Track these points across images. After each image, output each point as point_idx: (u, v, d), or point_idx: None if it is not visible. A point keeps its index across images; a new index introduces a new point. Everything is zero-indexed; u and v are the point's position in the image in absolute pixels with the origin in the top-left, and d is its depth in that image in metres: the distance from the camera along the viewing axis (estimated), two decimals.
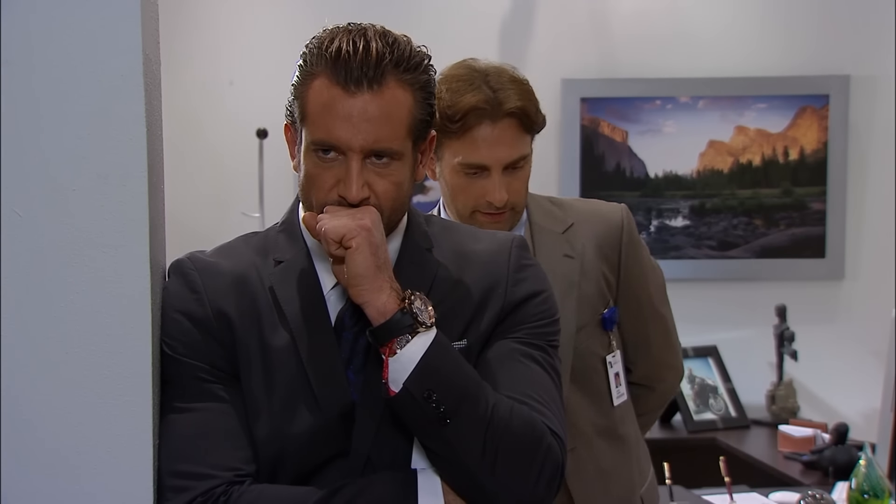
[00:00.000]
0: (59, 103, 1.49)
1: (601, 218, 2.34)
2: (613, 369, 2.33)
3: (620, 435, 2.36)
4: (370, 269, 1.51)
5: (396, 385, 1.50)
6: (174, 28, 4.03)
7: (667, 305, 2.49)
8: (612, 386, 2.33)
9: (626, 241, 2.32)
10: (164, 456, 1.57)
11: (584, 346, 2.26)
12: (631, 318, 2.38)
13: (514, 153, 2.18)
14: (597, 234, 2.31)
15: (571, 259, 2.27)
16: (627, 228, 2.33)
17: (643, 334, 2.42)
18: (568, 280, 2.25)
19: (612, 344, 2.33)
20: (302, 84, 1.58)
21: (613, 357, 2.33)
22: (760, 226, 4.52)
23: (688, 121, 4.49)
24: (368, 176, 1.56)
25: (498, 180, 2.18)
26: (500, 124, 2.16)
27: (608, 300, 2.31)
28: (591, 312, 2.28)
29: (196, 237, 2.37)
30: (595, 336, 2.29)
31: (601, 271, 2.29)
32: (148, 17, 1.56)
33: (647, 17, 4.49)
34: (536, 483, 1.53)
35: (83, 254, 1.50)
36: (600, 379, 2.31)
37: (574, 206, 2.39)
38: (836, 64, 4.46)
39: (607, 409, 2.32)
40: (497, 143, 2.17)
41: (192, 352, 1.61)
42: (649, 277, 2.41)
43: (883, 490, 2.46)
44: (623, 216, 2.35)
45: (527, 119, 2.19)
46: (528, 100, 2.20)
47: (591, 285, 2.28)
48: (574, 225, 2.31)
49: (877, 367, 3.27)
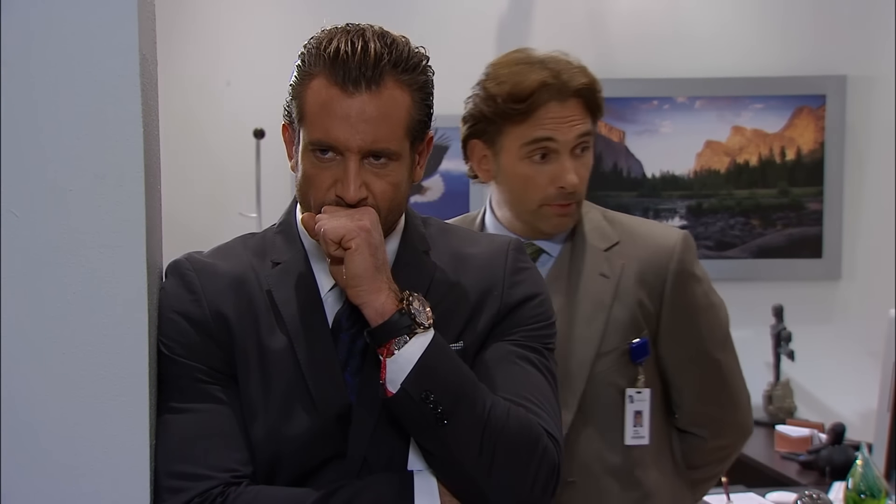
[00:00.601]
0: (55, 103, 1.49)
1: (651, 241, 2.17)
2: (635, 406, 2.12)
3: (637, 479, 2.14)
4: (369, 269, 1.51)
5: (394, 386, 1.50)
6: (171, 28, 4.02)
7: (727, 351, 2.24)
8: (629, 423, 2.12)
9: (674, 270, 2.13)
10: (161, 457, 1.57)
11: (601, 374, 2.09)
12: (675, 357, 2.17)
13: (583, 129, 2.10)
14: (640, 258, 2.14)
15: (606, 279, 2.12)
16: (679, 257, 2.14)
17: (687, 379, 2.19)
18: (597, 300, 2.11)
19: (640, 379, 2.12)
20: (300, 84, 1.58)
21: (639, 394, 2.12)
22: (757, 226, 4.53)
23: (685, 121, 4.49)
24: (366, 176, 1.56)
25: (569, 161, 2.08)
26: (568, 103, 2.09)
27: (642, 330, 2.12)
28: (618, 340, 2.10)
29: (193, 238, 2.36)
30: (618, 366, 2.11)
31: (638, 298, 2.12)
32: (145, 17, 1.56)
33: (644, 18, 4.49)
34: (533, 484, 1.53)
35: (80, 254, 1.50)
36: (615, 412, 2.12)
37: (627, 224, 2.22)
38: (833, 64, 4.47)
39: (619, 446, 2.13)
40: (565, 122, 2.08)
41: (190, 352, 1.61)
42: (702, 316, 2.19)
43: (879, 490, 2.45)
44: (678, 242, 2.16)
45: (592, 99, 2.11)
46: (592, 79, 2.12)
47: (625, 311, 2.11)
48: (619, 244, 2.16)
49: (874, 368, 3.27)
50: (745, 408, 2.28)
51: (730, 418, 2.25)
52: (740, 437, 2.29)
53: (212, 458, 1.56)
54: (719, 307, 2.24)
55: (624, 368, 2.11)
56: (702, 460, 2.26)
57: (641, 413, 2.13)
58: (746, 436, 2.30)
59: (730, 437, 2.27)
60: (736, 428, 2.27)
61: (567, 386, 2.03)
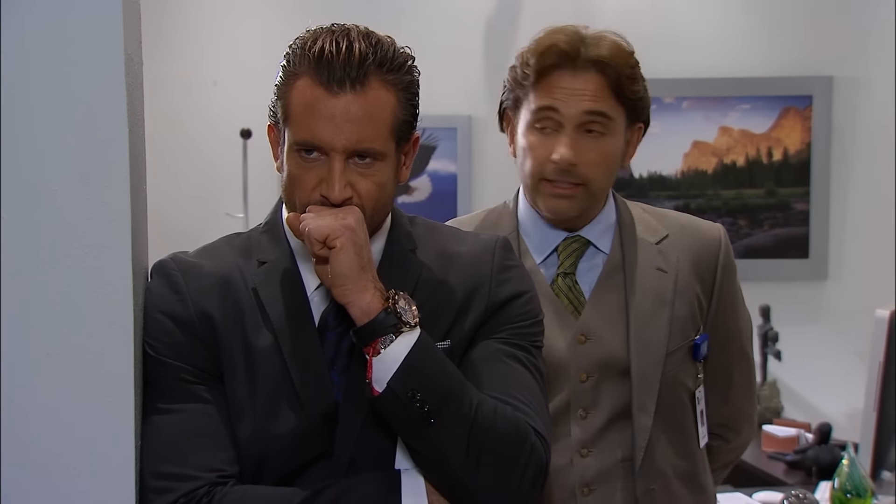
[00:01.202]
0: (40, 103, 1.49)
1: (699, 233, 2.08)
2: (700, 405, 2.06)
3: (701, 484, 2.08)
4: (354, 269, 1.51)
5: (380, 385, 1.50)
6: (157, 28, 4.02)
7: (752, 345, 2.21)
8: (699, 424, 2.06)
9: (723, 264, 2.07)
10: (147, 457, 1.57)
11: (672, 375, 1.99)
12: (717, 352, 2.09)
13: (594, 105, 1.94)
14: (693, 250, 2.05)
15: (665, 274, 2.01)
16: (726, 250, 2.08)
17: (726, 374, 2.13)
18: (660, 297, 2.00)
19: (700, 378, 2.06)
20: (285, 84, 1.58)
21: (700, 392, 2.06)
22: (744, 226, 4.54)
23: (672, 121, 4.50)
24: (351, 176, 1.56)
25: (569, 136, 1.94)
26: (581, 75, 1.94)
27: (699, 326, 2.04)
28: (682, 337, 2.00)
29: (179, 238, 2.36)
30: (684, 365, 2.02)
31: (695, 292, 2.03)
32: (130, 17, 1.56)
33: (631, 18, 4.49)
34: (520, 483, 1.53)
35: (65, 254, 1.50)
36: (686, 414, 2.04)
37: (669, 216, 2.13)
38: (820, 65, 4.48)
39: (692, 450, 2.05)
40: (574, 93, 1.94)
41: (175, 353, 1.60)
42: (741, 309, 2.14)
43: (865, 489, 2.46)
44: (722, 235, 2.10)
45: (615, 77, 1.95)
46: (620, 57, 1.97)
47: (685, 306, 2.01)
48: (669, 236, 2.06)
49: (860, 367, 3.28)
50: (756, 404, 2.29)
51: (751, 412, 2.23)
52: (752, 434, 2.28)
53: (198, 458, 1.56)
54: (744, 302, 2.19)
55: (688, 367, 2.03)
56: (718, 462, 2.21)
57: (703, 411, 2.08)
58: (755, 432, 2.30)
59: (746, 436, 2.25)
60: (753, 423, 2.26)
61: (643, 389, 1.96)
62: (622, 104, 1.99)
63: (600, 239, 2.05)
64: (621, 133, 2.00)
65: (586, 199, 1.99)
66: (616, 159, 2.01)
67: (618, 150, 2.01)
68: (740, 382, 2.16)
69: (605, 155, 1.97)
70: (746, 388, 2.19)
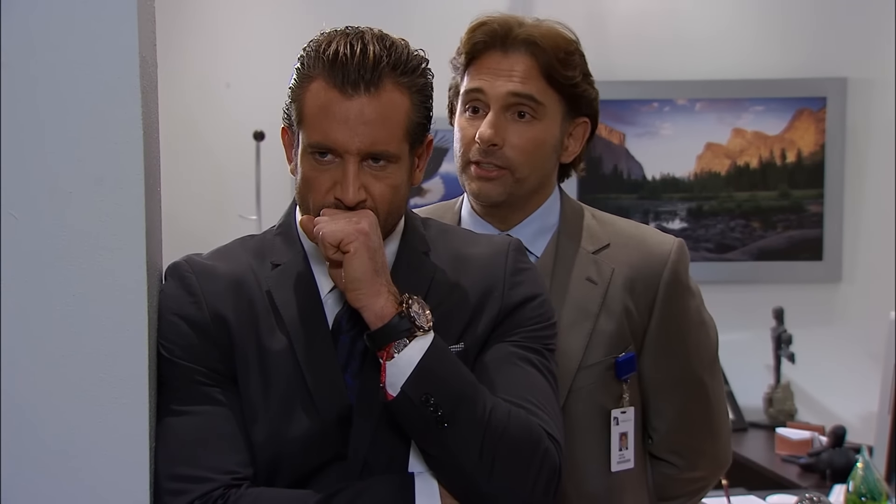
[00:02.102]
0: (55, 105, 1.49)
1: (644, 246, 1.98)
2: (620, 428, 1.93)
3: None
4: (367, 273, 1.51)
5: (394, 389, 1.50)
6: (171, 30, 4.02)
7: (713, 374, 2.05)
8: (615, 447, 1.93)
9: (666, 280, 1.95)
10: (161, 459, 1.57)
11: (583, 390, 1.90)
12: (659, 376, 1.98)
13: (520, 87, 1.89)
14: (632, 263, 1.95)
15: (594, 285, 1.93)
16: (673, 267, 1.96)
17: (670, 400, 2.00)
18: (582, 308, 1.91)
19: (625, 398, 1.93)
20: (299, 87, 1.58)
21: (623, 414, 1.93)
22: (758, 228, 4.53)
23: (685, 123, 4.49)
24: (365, 179, 1.56)
25: (493, 116, 1.89)
26: (512, 56, 1.90)
27: (629, 343, 1.93)
28: (602, 352, 1.91)
29: (193, 240, 2.36)
30: (601, 382, 1.91)
31: (626, 306, 1.93)
32: (144, 19, 1.56)
33: (643, 20, 4.49)
34: (534, 487, 1.53)
35: (80, 257, 1.50)
36: (597, 435, 1.92)
37: (618, 226, 2.03)
38: (834, 67, 4.46)
39: (601, 472, 1.93)
40: (502, 73, 1.89)
41: (189, 355, 1.60)
42: (692, 332, 2.00)
43: (880, 493, 2.45)
44: (672, 250, 1.97)
45: (546, 59, 1.89)
46: (553, 40, 1.91)
47: (611, 321, 1.91)
48: (610, 247, 1.97)
49: (874, 370, 3.27)
50: (725, 439, 2.11)
51: (708, 448, 2.07)
52: (716, 469, 2.12)
53: (212, 461, 1.56)
54: (710, 326, 2.05)
55: (607, 385, 1.92)
56: (674, 492, 2.08)
57: (627, 434, 1.94)
58: (723, 469, 2.13)
59: (705, 469, 2.09)
60: (713, 459, 2.09)
61: None
62: (555, 89, 1.93)
63: (533, 241, 1.98)
64: (556, 122, 1.95)
65: (511, 185, 1.93)
66: (547, 148, 1.95)
67: (549, 139, 1.94)
68: (689, 411, 2.02)
69: (531, 140, 1.92)
70: (700, 415, 2.03)
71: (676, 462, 2.05)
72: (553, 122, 1.94)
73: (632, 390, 1.96)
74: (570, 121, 1.98)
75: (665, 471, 2.05)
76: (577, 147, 2.03)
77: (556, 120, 1.95)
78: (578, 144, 2.02)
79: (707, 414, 2.05)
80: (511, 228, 1.98)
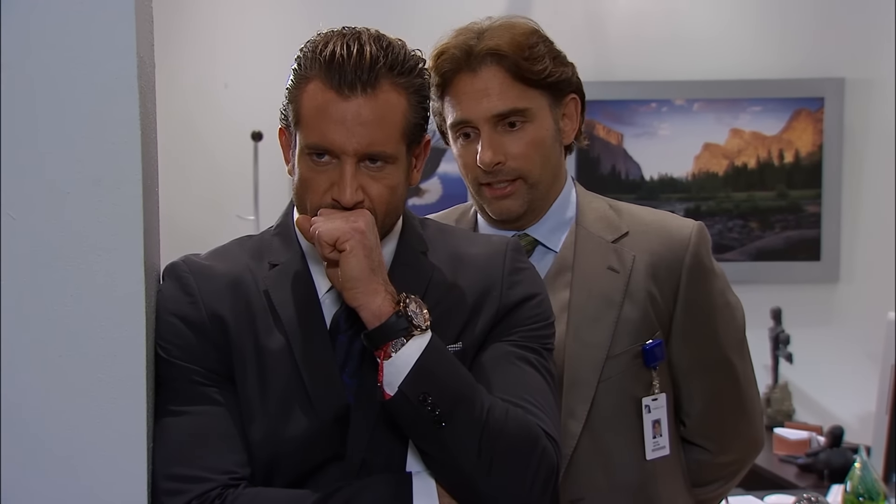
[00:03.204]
0: (53, 106, 1.49)
1: (664, 231, 1.97)
2: (652, 416, 1.93)
3: (650, 496, 1.94)
4: (364, 272, 1.51)
5: (392, 388, 1.50)
6: (169, 30, 4.02)
7: (742, 355, 2.04)
8: (648, 435, 1.93)
9: (689, 264, 1.94)
10: (159, 459, 1.57)
11: (612, 380, 1.89)
12: (687, 360, 1.97)
13: (500, 105, 1.89)
14: (653, 250, 1.94)
15: (616, 274, 1.92)
16: (694, 250, 1.95)
17: (701, 384, 2.00)
18: (606, 298, 1.91)
19: (655, 385, 1.93)
20: (296, 88, 1.58)
21: (655, 401, 1.93)
22: (756, 228, 4.53)
23: (683, 123, 4.49)
24: (362, 179, 1.56)
25: (486, 138, 1.89)
26: (481, 73, 1.90)
27: (656, 330, 1.93)
28: (629, 341, 1.91)
29: (191, 240, 2.36)
30: (631, 371, 1.91)
31: (650, 293, 1.92)
32: (142, 20, 1.56)
33: (642, 20, 4.49)
34: (532, 486, 1.53)
35: (78, 257, 1.50)
36: (630, 424, 1.92)
37: (636, 214, 2.02)
38: (831, 67, 4.47)
39: (635, 461, 1.93)
40: (479, 95, 1.89)
41: (187, 355, 1.61)
42: (719, 315, 1.99)
43: (878, 493, 2.45)
44: (693, 233, 1.96)
45: (514, 65, 1.89)
46: (514, 42, 1.90)
47: (636, 309, 1.91)
48: (629, 234, 1.96)
49: (872, 370, 3.27)
50: (758, 420, 2.10)
51: (743, 429, 2.07)
52: (751, 451, 2.11)
53: (210, 461, 1.57)
54: (736, 307, 2.04)
55: (636, 374, 1.92)
56: (709, 477, 2.08)
57: (660, 421, 1.94)
58: (757, 451, 2.12)
59: (739, 452, 2.09)
60: (746, 441, 2.09)
61: (576, 393, 1.88)
62: (533, 87, 1.92)
63: (549, 237, 1.99)
64: (546, 115, 1.95)
65: (528, 192, 1.94)
66: (547, 144, 1.95)
67: (546, 134, 1.95)
68: (720, 394, 2.02)
69: (531, 144, 1.92)
70: (732, 396, 2.03)
71: (709, 446, 2.04)
72: (543, 116, 1.95)
73: (662, 376, 1.95)
74: (559, 105, 1.98)
75: (698, 456, 2.05)
76: (575, 123, 2.02)
77: (545, 113, 1.95)
78: (574, 121, 2.02)
79: (738, 395, 2.04)
80: (528, 227, 2.00)
